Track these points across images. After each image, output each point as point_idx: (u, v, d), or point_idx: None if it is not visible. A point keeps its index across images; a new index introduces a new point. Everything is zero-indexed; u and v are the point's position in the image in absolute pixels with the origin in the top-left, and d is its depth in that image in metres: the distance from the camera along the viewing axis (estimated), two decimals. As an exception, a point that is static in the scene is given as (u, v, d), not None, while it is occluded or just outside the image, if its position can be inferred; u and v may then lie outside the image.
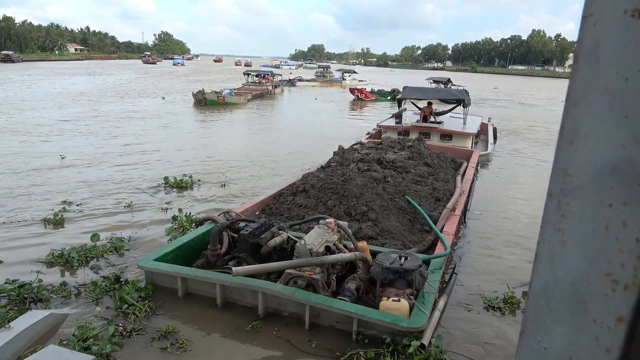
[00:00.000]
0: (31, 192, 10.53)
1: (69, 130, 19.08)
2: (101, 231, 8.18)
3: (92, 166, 13.28)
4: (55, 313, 5.34)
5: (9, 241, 7.84)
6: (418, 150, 10.85)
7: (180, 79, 58.08)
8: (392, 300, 5.60)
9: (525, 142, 20.74)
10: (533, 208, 10.99)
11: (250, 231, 6.40)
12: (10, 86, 39.06)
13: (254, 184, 12.13)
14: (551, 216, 0.79)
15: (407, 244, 7.47)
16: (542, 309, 0.80)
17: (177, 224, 8.64)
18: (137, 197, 10.53)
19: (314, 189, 8.26)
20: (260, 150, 16.95)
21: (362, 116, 29.72)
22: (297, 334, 5.50)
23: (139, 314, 5.56)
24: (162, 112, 26.60)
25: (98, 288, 6.12)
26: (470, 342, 5.75)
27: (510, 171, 14.97)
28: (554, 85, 78.97)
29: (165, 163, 14.13)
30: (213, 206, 10.15)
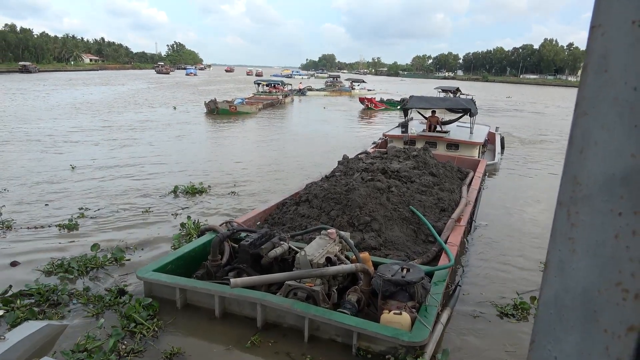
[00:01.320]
0: (47, 199, 10.68)
1: (82, 140, 19.15)
2: (109, 239, 8.27)
3: (104, 175, 13.31)
4: (52, 324, 5.21)
5: (25, 245, 7.99)
6: (423, 160, 10.69)
7: (192, 89, 58.35)
8: (393, 314, 5.44)
9: (535, 152, 20.44)
10: (540, 218, 10.77)
11: (250, 242, 6.28)
12: (28, 96, 39.50)
13: (264, 192, 12.10)
14: (561, 225, 0.79)
15: (411, 255, 7.31)
16: (553, 318, 0.80)
17: (185, 230, 8.61)
18: (147, 204, 10.52)
19: (317, 198, 8.13)
20: (270, 159, 16.97)
21: (372, 125, 29.57)
22: (296, 347, 5.34)
23: (147, 333, 5.31)
24: (175, 121, 26.68)
25: (101, 301, 6.01)
26: (482, 353, 5.57)
27: (518, 181, 14.71)
28: (566, 95, 78.26)
29: (178, 171, 14.16)
30: (223, 213, 10.11)
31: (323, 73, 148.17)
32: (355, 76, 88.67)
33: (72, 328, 5.44)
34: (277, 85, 46.76)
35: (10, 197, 10.76)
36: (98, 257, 7.25)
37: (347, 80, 65.70)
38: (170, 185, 11.92)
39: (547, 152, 20.55)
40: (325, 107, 40.60)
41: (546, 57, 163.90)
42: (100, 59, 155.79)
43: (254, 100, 37.71)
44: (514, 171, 16.00)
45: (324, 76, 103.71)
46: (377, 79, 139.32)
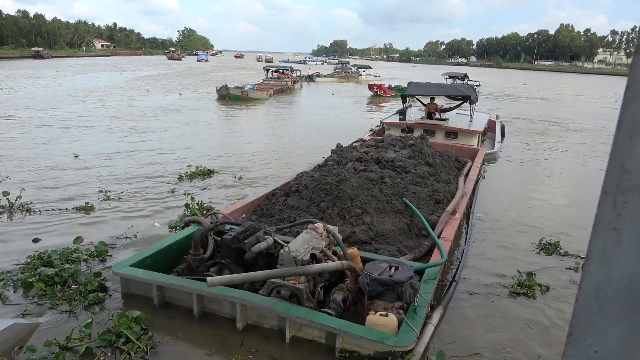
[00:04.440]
0: (62, 183, 10.80)
1: (95, 126, 18.83)
2: (121, 219, 8.52)
3: (116, 160, 13.24)
4: (19, 323, 4.82)
5: (44, 226, 8.12)
6: (420, 149, 10.14)
7: (204, 75, 57.63)
8: (379, 315, 5.00)
9: (543, 141, 19.74)
10: (541, 208, 10.25)
11: (233, 236, 5.82)
12: (41, 82, 38.99)
13: (271, 176, 12.00)
14: (606, 215, 0.75)
15: (403, 250, 6.85)
16: (594, 310, 0.76)
17: (189, 212, 8.50)
18: (158, 188, 10.66)
19: (307, 189, 7.65)
20: (280, 144, 16.87)
21: (380, 112, 28.87)
22: (277, 349, 4.92)
23: (134, 354, 4.56)
24: (187, 107, 26.24)
25: (80, 298, 5.59)
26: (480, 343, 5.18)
27: (519, 171, 14.12)
28: (582, 81, 76.64)
29: (190, 156, 14.06)
30: (229, 197, 10.12)
31: (334, 59, 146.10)
32: (366, 62, 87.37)
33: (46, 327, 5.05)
34: (286, 72, 46.02)
35: (27, 180, 10.78)
36: (80, 251, 6.82)
37: (353, 66, 64.81)
38: (183, 169, 12.02)
39: (557, 141, 19.82)
40: (334, 94, 39.80)
41: (562, 43, 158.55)
42: (112, 44, 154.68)
43: (263, 86, 37.16)
44: (514, 160, 15.39)
45: (335, 62, 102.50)
46: (389, 65, 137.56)
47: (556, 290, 6.61)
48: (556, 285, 6.75)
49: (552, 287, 6.66)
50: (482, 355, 5.12)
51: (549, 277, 6.98)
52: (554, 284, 6.76)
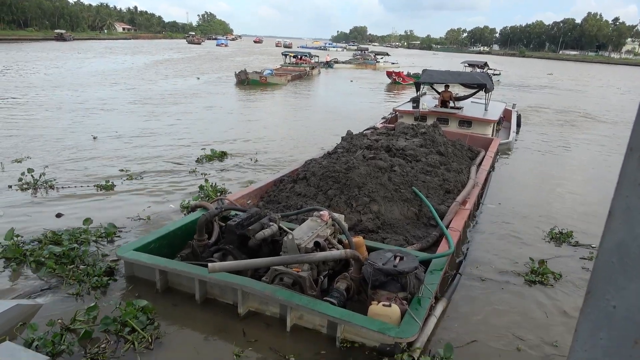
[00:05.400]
0: (83, 162, 11.08)
1: (116, 108, 18.96)
2: (138, 199, 8.75)
3: (136, 142, 13.39)
4: (22, 304, 4.83)
5: (66, 201, 8.48)
6: (432, 138, 9.92)
7: (224, 60, 57.49)
8: (382, 305, 4.89)
9: (558, 130, 19.26)
10: (554, 200, 9.98)
11: (238, 222, 5.74)
12: (63, 64, 39.33)
13: (286, 161, 12.06)
14: (631, 171, 0.73)
15: (410, 240, 6.71)
16: (615, 267, 0.74)
17: (203, 193, 8.65)
18: (175, 169, 10.89)
19: (314, 176, 7.52)
20: (297, 130, 16.88)
21: (397, 99, 28.46)
22: (278, 337, 4.85)
23: (138, 344, 4.45)
24: (207, 91, 26.26)
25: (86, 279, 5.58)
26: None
27: (533, 162, 13.77)
28: (609, 72, 74.38)
29: (207, 139, 14.17)
30: (243, 180, 10.23)
31: (353, 46, 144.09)
32: (385, 49, 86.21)
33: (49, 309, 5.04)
34: (305, 57, 45.59)
35: (48, 160, 11.02)
36: (89, 231, 6.83)
37: (371, 52, 64.03)
38: (200, 152, 12.16)
39: (579, 132, 19.27)
40: (352, 80, 39.33)
41: (588, 32, 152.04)
42: (133, 28, 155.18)
43: (281, 71, 36.92)
44: (531, 151, 15.00)
45: (354, 48, 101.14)
46: (409, 52, 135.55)
47: (569, 278, 6.49)
48: (569, 273, 6.61)
49: (564, 275, 6.52)
50: (479, 341, 5.03)
51: (560, 265, 6.85)
52: (566, 272, 6.62)
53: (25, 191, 8.90)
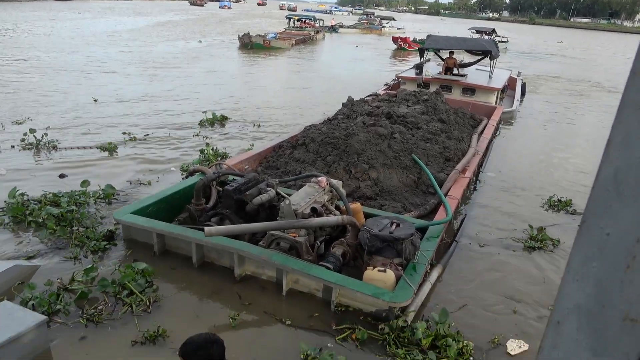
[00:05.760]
0: (81, 125, 11.02)
1: (117, 71, 18.73)
2: (134, 160, 8.80)
3: (137, 105, 13.29)
4: (21, 265, 4.87)
5: (69, 162, 8.53)
6: (434, 105, 9.78)
7: (227, 22, 56.32)
8: (377, 271, 4.91)
9: (565, 100, 18.94)
10: (555, 171, 9.90)
11: (235, 187, 5.72)
12: (60, 25, 38.57)
13: (287, 125, 11.99)
14: (633, 95, 0.71)
15: (408, 207, 6.70)
16: (610, 194, 0.74)
17: (204, 157, 8.67)
18: (175, 132, 10.91)
19: (314, 142, 7.46)
20: (300, 95, 16.75)
21: (403, 66, 28.00)
22: (274, 300, 4.90)
23: (136, 307, 4.47)
24: (209, 54, 25.92)
25: (87, 240, 5.60)
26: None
27: (536, 130, 13.60)
28: (621, 41, 72.33)
29: (209, 102, 14.06)
30: (244, 144, 10.19)
31: (359, 9, 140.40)
32: (392, 14, 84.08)
33: (47, 270, 5.08)
34: (309, 21, 44.60)
35: (49, 121, 10.93)
36: (88, 193, 6.83)
37: (377, 17, 62.61)
38: (203, 115, 12.06)
39: (587, 102, 18.94)
40: (358, 46, 38.53)
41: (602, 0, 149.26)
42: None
43: (285, 35, 36.12)
44: (535, 120, 14.80)
45: (360, 12, 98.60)
46: (416, 17, 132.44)
47: (568, 244, 6.52)
48: (568, 239, 6.65)
49: (563, 241, 6.56)
50: (475, 306, 5.09)
51: (559, 232, 6.88)
52: (565, 238, 6.65)
53: (28, 151, 8.95)
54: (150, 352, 4.00)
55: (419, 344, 4.22)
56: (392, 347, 4.17)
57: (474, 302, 5.16)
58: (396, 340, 4.26)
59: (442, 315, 4.55)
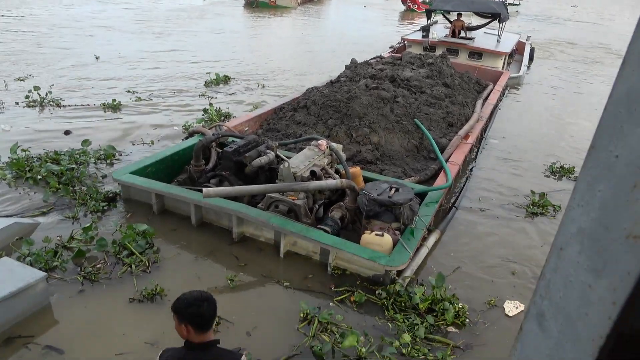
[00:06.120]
0: (84, 82, 10.98)
1: (119, 28, 18.39)
2: (142, 122, 8.71)
3: (140, 64, 13.13)
4: (20, 222, 4.90)
5: (74, 119, 8.57)
6: (439, 69, 9.57)
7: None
8: (374, 235, 4.92)
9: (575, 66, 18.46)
10: (560, 138, 9.76)
11: (234, 149, 5.68)
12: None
13: (292, 87, 11.83)
14: None
15: (408, 172, 6.65)
16: (622, 115, 0.73)
17: (207, 116, 8.68)
18: (179, 91, 10.90)
19: (315, 105, 7.35)
20: (304, 56, 16.46)
21: (411, 28, 27.30)
22: (271, 262, 4.93)
23: (135, 267, 4.50)
24: (213, 12, 25.28)
25: (88, 198, 5.60)
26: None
27: (542, 97, 13.32)
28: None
29: (214, 62, 13.88)
30: (247, 104, 10.20)
31: None
32: None
33: (47, 227, 5.12)
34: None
35: (51, 79, 10.85)
36: (89, 153, 6.81)
37: None
38: (206, 75, 11.93)
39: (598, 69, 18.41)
40: (366, 6, 37.48)
41: None
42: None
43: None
44: (542, 86, 14.49)
45: None
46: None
47: None
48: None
49: (564, 207, 6.51)
50: (474, 269, 5.13)
51: (561, 198, 6.86)
52: (566, 204, 6.60)
53: (32, 108, 8.96)
54: (148, 309, 4.06)
55: (416, 308, 4.26)
56: (390, 312, 4.21)
57: (472, 266, 5.19)
58: (394, 305, 4.29)
59: (439, 279, 4.56)
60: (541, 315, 0.87)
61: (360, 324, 4.10)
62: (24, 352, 3.56)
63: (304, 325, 4.03)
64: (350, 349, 3.74)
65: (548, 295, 0.85)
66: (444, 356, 3.73)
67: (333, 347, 3.79)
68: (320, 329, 4.00)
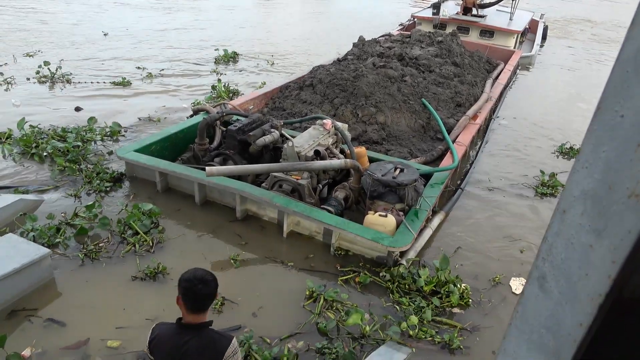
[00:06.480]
0: (93, 59, 10.98)
1: (127, 3, 18.24)
2: (147, 95, 8.87)
3: (150, 39, 13.15)
4: (25, 199, 4.91)
5: (84, 96, 8.63)
6: (448, 47, 9.36)
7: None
8: (378, 215, 4.88)
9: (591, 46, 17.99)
10: (572, 120, 9.56)
11: (238, 127, 5.62)
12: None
13: (302, 64, 11.78)
14: None
15: (414, 152, 6.56)
16: (629, 75, 0.73)
17: (215, 93, 8.73)
18: (189, 67, 10.90)
19: (321, 84, 7.23)
20: (316, 33, 16.32)
21: (423, 5, 26.67)
22: (274, 241, 4.92)
23: (139, 247, 4.48)
24: None
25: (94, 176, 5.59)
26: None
27: (555, 76, 13.05)
28: None
29: (224, 38, 13.85)
30: (254, 81, 10.19)
31: None
32: None
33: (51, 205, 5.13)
34: None
35: (60, 55, 10.89)
36: (95, 130, 6.79)
37: None
38: (216, 52, 11.87)
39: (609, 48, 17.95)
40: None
41: None
42: None
43: None
44: (555, 66, 14.15)
45: None
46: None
47: None
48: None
49: None
50: (472, 249, 5.10)
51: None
52: None
53: (42, 84, 9.02)
54: (150, 287, 4.07)
55: (420, 290, 4.24)
56: (395, 295, 4.18)
57: (478, 245, 5.16)
58: (399, 288, 4.27)
59: (443, 262, 4.52)
60: (542, 277, 0.89)
61: (365, 305, 4.09)
62: (26, 324, 3.61)
63: (309, 303, 4.05)
64: (355, 327, 3.76)
65: (550, 258, 0.87)
66: (451, 338, 3.72)
67: (338, 324, 3.80)
68: (326, 306, 4.01)
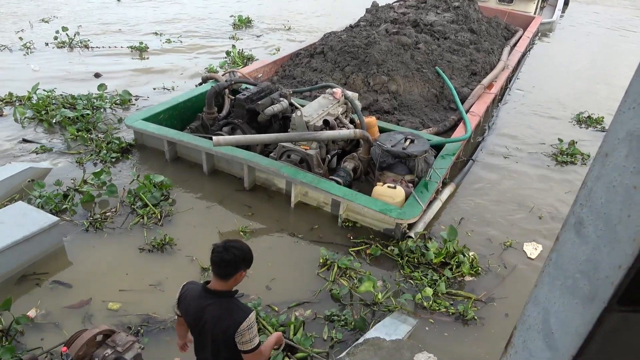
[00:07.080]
0: (109, 24, 11.08)
1: None
2: (163, 61, 8.90)
3: (162, 4, 13.16)
4: (34, 167, 4.92)
5: (103, 61, 8.70)
6: (465, 13, 8.99)
7: None
8: (386, 187, 4.78)
9: (616, 12, 17.24)
10: (591, 90, 9.20)
11: (247, 96, 5.51)
12: None
13: (319, 30, 11.57)
14: None
15: (426, 123, 6.40)
16: None
17: (230, 59, 8.75)
18: (205, 32, 10.98)
19: (332, 51, 7.03)
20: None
21: None
22: (282, 211, 4.87)
23: (147, 219, 4.44)
24: None
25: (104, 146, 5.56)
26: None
27: (577, 45, 12.51)
28: None
29: (240, 4, 13.86)
30: (269, 45, 10.20)
31: None
32: None
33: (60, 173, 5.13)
34: None
35: (76, 20, 11.00)
36: (105, 97, 6.74)
37: None
38: (232, 18, 11.88)
39: (636, 16, 17.23)
40: None
41: None
42: None
43: None
44: (576, 33, 13.58)
45: None
46: None
47: None
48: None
49: (592, 156, 6.27)
50: (493, 219, 5.04)
51: (589, 147, 6.58)
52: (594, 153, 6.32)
53: (61, 49, 9.09)
54: (157, 257, 4.08)
55: (430, 263, 4.19)
56: (406, 270, 4.13)
57: (491, 213, 5.09)
58: (408, 262, 4.21)
59: (451, 233, 4.44)
60: (579, 223, 0.86)
61: (377, 277, 4.06)
62: (34, 288, 3.69)
63: (323, 271, 4.04)
64: (367, 294, 3.75)
65: (588, 203, 0.84)
66: (465, 309, 3.68)
67: (350, 291, 3.79)
68: (339, 274, 4.01)
